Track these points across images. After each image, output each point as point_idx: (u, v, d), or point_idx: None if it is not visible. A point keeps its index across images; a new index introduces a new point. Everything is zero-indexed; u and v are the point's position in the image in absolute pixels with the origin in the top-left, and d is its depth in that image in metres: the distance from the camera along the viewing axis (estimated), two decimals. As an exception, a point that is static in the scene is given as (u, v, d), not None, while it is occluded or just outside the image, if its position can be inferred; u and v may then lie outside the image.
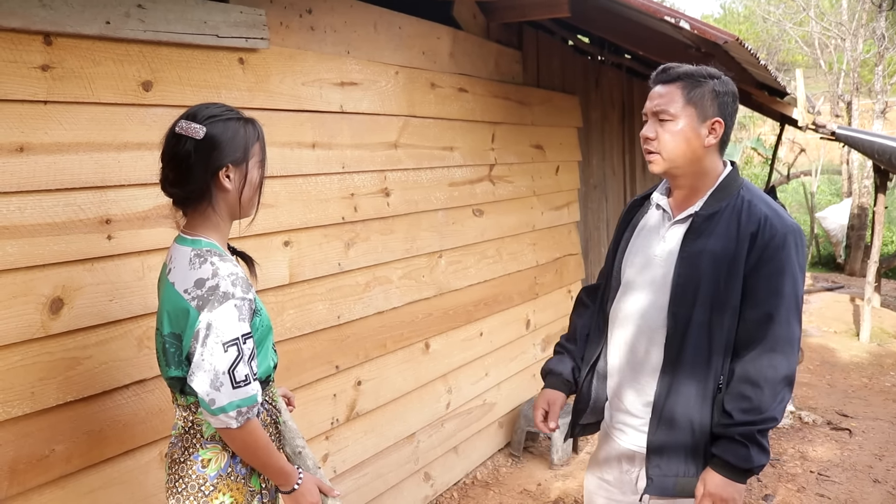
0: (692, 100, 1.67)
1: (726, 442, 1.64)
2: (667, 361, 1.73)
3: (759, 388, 1.62)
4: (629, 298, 1.83)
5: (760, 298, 1.64)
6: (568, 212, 4.62)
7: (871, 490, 3.67)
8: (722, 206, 1.70)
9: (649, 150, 1.72)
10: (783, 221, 1.67)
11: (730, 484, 1.65)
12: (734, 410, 1.63)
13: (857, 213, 11.47)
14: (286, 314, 2.50)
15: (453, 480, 3.61)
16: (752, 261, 1.65)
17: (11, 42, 1.70)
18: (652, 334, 1.76)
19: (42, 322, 1.76)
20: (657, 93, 1.72)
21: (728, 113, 1.71)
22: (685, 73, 1.70)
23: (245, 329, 1.44)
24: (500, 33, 3.91)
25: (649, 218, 1.87)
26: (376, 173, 2.93)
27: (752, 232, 1.65)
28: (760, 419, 1.61)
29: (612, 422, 1.90)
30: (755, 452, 1.62)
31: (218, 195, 1.50)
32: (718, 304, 1.67)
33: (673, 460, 1.73)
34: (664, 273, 1.74)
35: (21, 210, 1.72)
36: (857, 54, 12.82)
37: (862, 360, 6.21)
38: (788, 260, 1.64)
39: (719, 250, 1.66)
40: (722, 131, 1.70)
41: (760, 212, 1.67)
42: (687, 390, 1.70)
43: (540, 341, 4.33)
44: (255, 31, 2.30)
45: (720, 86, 1.69)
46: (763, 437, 1.63)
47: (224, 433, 1.45)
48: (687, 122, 1.68)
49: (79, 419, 1.84)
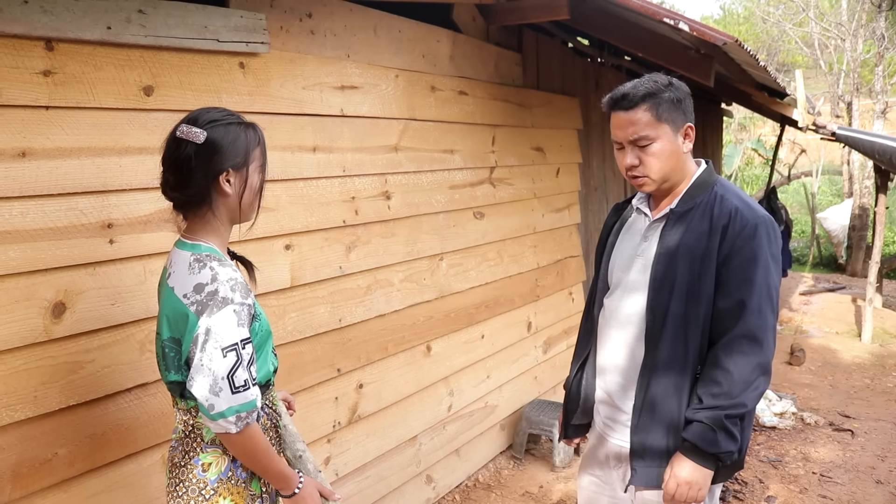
0: (661, 116, 1.72)
1: (695, 426, 1.69)
2: (647, 356, 1.79)
3: (728, 373, 1.66)
4: (614, 299, 1.89)
5: (732, 287, 1.69)
6: (569, 214, 4.62)
7: (874, 491, 3.66)
8: (697, 202, 1.76)
9: (636, 176, 1.78)
10: (754, 212, 1.72)
11: (696, 468, 1.69)
12: (704, 395, 1.69)
13: (858, 213, 11.46)
14: (287, 317, 2.51)
15: (455, 483, 3.62)
16: (723, 251, 1.69)
17: (13, 48, 1.71)
18: (635, 331, 1.82)
19: (44, 326, 1.76)
20: (627, 120, 1.73)
21: (691, 114, 1.78)
22: (646, 94, 1.72)
23: (244, 334, 1.44)
24: (500, 36, 3.91)
25: (633, 221, 1.94)
26: (377, 176, 2.93)
27: (723, 224, 1.70)
28: (729, 404, 1.65)
29: (604, 421, 1.94)
30: (722, 438, 1.66)
31: (218, 199, 1.50)
32: (693, 296, 1.72)
33: (655, 451, 1.77)
34: (645, 271, 1.80)
35: (23, 215, 1.73)
36: (857, 55, 12.81)
37: (864, 361, 6.21)
38: (760, 249, 1.68)
39: (693, 243, 1.72)
40: (693, 132, 1.78)
41: (731, 204, 1.72)
42: (666, 382, 1.75)
43: (541, 343, 4.33)
44: (255, 36, 2.31)
45: (675, 92, 1.74)
46: (731, 422, 1.66)
47: (224, 438, 1.45)
48: (666, 139, 1.73)
49: (81, 423, 1.85)
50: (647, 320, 1.77)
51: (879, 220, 7.01)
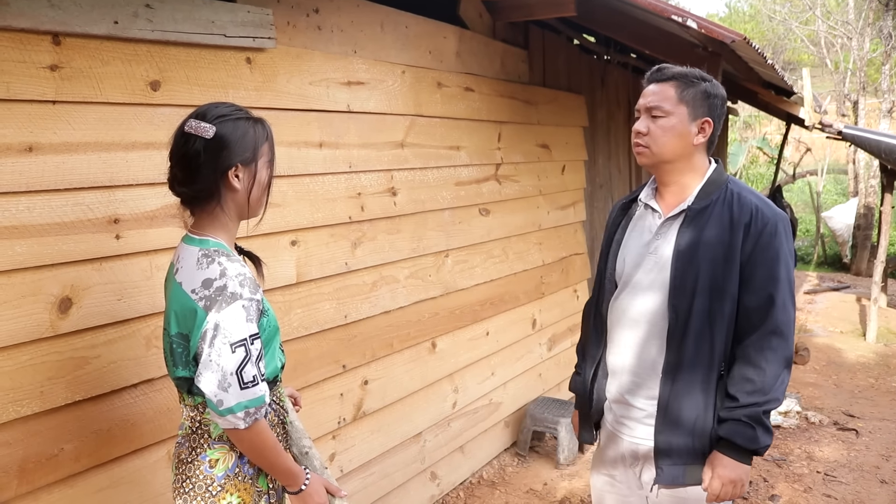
0: (684, 99, 1.75)
1: (733, 424, 1.70)
2: (669, 355, 1.77)
3: (761, 370, 1.69)
4: (627, 297, 1.87)
5: (759, 284, 1.71)
6: (574, 211, 4.61)
7: (878, 490, 3.65)
8: (712, 199, 1.77)
9: (639, 144, 1.80)
10: (772, 210, 1.76)
11: (738, 465, 1.72)
12: (739, 393, 1.70)
13: (863, 212, 11.43)
14: (293, 313, 2.50)
15: (459, 480, 3.61)
16: (747, 249, 1.71)
17: (20, 42, 1.70)
18: (653, 329, 1.81)
19: (51, 321, 1.76)
20: (651, 90, 1.79)
21: (717, 115, 1.79)
22: (679, 74, 1.77)
23: (253, 330, 1.44)
24: (506, 32, 3.90)
25: (639, 218, 1.92)
26: (383, 173, 2.93)
27: (745, 222, 1.72)
28: (765, 400, 1.68)
29: (617, 419, 1.93)
30: (761, 433, 1.69)
31: (227, 195, 1.50)
32: (717, 292, 1.73)
33: (682, 450, 1.77)
34: (661, 269, 1.79)
35: (30, 210, 1.72)
36: (863, 53, 12.76)
37: (868, 361, 6.19)
38: (781, 246, 1.72)
39: (714, 240, 1.73)
40: (710, 131, 1.78)
41: (751, 202, 1.75)
42: (691, 380, 1.75)
43: (546, 341, 4.33)
44: (262, 31, 2.30)
45: (711, 88, 1.77)
46: (767, 417, 1.70)
47: (232, 434, 1.45)
48: (678, 119, 1.75)
49: (87, 418, 1.85)
50: (669, 319, 1.76)
51: (885, 220, 6.99)
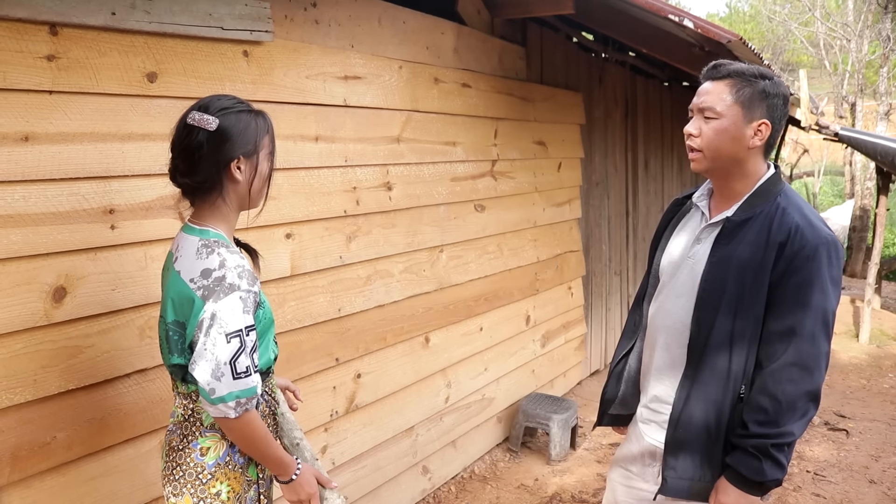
0: (740, 99, 1.63)
1: (740, 453, 1.63)
2: (688, 365, 1.72)
3: (777, 401, 1.58)
4: (662, 298, 1.82)
5: (784, 310, 1.59)
6: (569, 208, 4.63)
7: (867, 490, 3.68)
8: (756, 213, 1.65)
9: (691, 147, 1.69)
10: (816, 232, 1.60)
11: (742, 496, 1.63)
12: (750, 422, 1.61)
13: (858, 214, 11.47)
14: (287, 306, 2.51)
15: (451, 474, 3.63)
16: (778, 271, 1.60)
17: (17, 32, 1.71)
18: (678, 336, 1.75)
19: (45, 310, 1.77)
20: (705, 89, 1.68)
21: (777, 116, 1.65)
22: (735, 72, 1.64)
23: (249, 321, 1.45)
24: (505, 29, 3.91)
25: (689, 219, 1.85)
26: (379, 167, 2.94)
27: (780, 241, 1.60)
28: (776, 433, 1.58)
29: (641, 416, 1.90)
30: (768, 466, 1.59)
31: (228, 186, 1.51)
32: (742, 313, 1.63)
33: (688, 464, 1.71)
34: (693, 276, 1.72)
35: (25, 199, 1.73)
36: (862, 55, 12.78)
37: (861, 362, 6.22)
38: (819, 272, 1.58)
39: (746, 257, 1.63)
40: (768, 134, 1.65)
41: (792, 220, 1.61)
42: (706, 396, 1.68)
43: (540, 337, 4.35)
44: (259, 24, 2.31)
45: (771, 87, 1.64)
46: (778, 451, 1.58)
47: (222, 423, 1.46)
48: (732, 121, 1.63)
49: (80, 407, 1.86)
50: (691, 331, 1.70)
51: (880, 222, 7.02)
